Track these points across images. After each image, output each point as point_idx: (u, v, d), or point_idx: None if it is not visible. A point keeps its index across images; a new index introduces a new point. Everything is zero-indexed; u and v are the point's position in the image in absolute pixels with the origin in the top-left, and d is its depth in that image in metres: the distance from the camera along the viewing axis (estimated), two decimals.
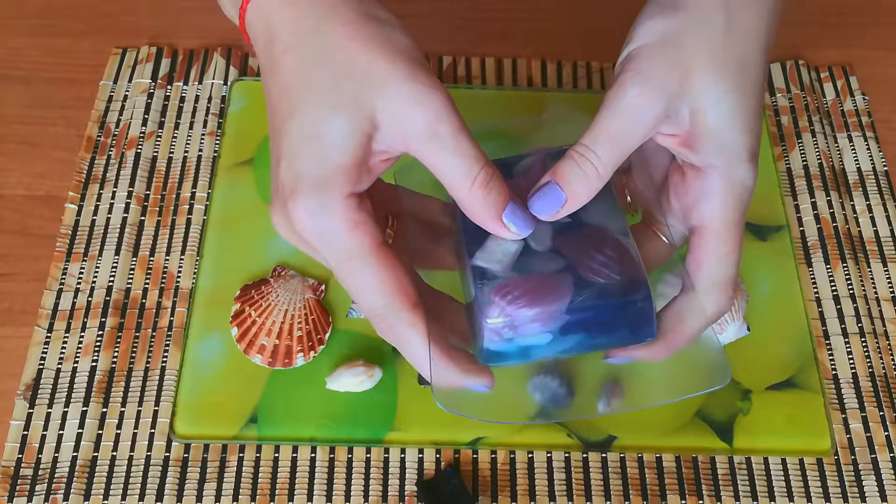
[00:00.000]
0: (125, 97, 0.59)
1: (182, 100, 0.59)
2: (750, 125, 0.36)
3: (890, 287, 0.54)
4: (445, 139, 0.32)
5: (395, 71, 0.32)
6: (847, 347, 0.51)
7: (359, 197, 0.33)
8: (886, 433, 0.49)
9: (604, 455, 0.47)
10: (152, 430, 0.47)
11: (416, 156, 0.33)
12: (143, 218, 0.54)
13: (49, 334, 0.50)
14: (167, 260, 0.53)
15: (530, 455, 0.47)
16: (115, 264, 0.52)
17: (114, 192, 0.55)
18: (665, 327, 0.37)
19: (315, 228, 0.32)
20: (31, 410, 0.48)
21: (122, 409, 0.48)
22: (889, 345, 0.51)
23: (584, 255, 0.35)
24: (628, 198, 0.41)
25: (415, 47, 0.33)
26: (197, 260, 0.52)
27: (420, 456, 0.47)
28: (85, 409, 0.48)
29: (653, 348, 0.37)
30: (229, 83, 0.59)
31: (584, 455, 0.47)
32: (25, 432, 0.47)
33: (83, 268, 0.52)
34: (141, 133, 0.57)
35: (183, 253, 0.53)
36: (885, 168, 0.58)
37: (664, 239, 0.39)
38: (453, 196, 0.34)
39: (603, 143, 0.35)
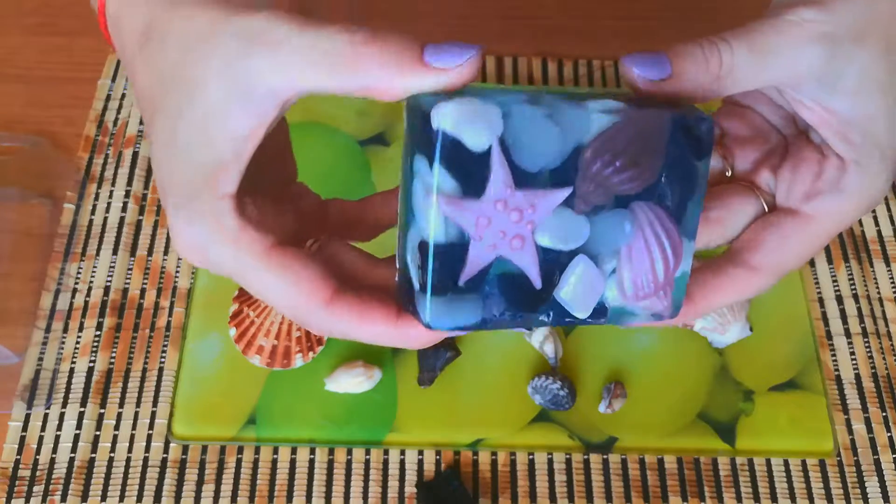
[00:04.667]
0: (123, 96, 0.59)
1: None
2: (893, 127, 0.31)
3: (893, 287, 0.53)
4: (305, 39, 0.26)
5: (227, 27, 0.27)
6: (850, 348, 0.51)
7: (235, 199, 0.28)
8: (889, 434, 0.48)
9: (605, 456, 0.47)
10: (150, 431, 0.47)
11: (293, 87, 0.27)
12: (140, 217, 0.54)
13: (47, 335, 0.50)
14: (165, 259, 0.52)
15: (531, 456, 0.47)
16: (112, 264, 0.52)
17: (112, 192, 0.55)
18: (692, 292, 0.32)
19: (192, 246, 0.28)
20: (28, 411, 0.47)
21: (120, 409, 0.48)
22: (892, 345, 0.51)
23: (609, 184, 0.29)
24: (727, 169, 0.35)
25: None
26: None
27: (420, 457, 0.47)
28: (82, 409, 0.47)
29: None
30: None
31: (586, 456, 0.47)
32: (23, 433, 0.47)
33: (81, 268, 0.52)
34: (139, 131, 0.57)
35: None
36: None
37: (762, 202, 0.34)
38: (342, 85, 0.27)
39: (743, 46, 0.29)
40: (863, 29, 0.29)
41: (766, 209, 0.34)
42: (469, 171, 0.26)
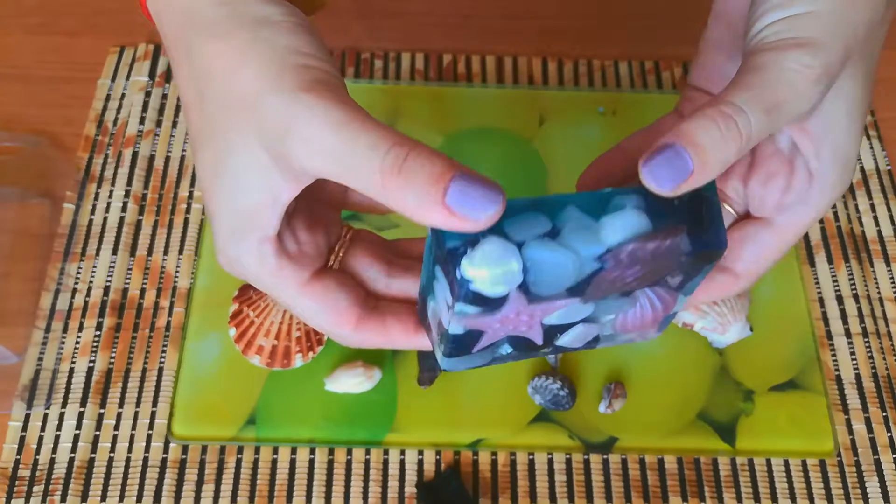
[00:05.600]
0: (122, 95, 0.59)
1: (180, 98, 0.59)
2: (859, 139, 0.33)
3: (893, 287, 0.53)
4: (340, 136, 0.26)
5: (278, 92, 0.27)
6: (850, 348, 0.51)
7: (276, 240, 0.30)
8: (889, 434, 0.48)
9: (605, 457, 0.47)
10: (150, 432, 0.47)
11: (326, 176, 0.28)
12: (140, 217, 0.54)
13: (46, 335, 0.50)
14: (165, 259, 0.52)
15: (531, 457, 0.47)
16: (112, 264, 0.52)
17: (111, 192, 0.54)
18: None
19: (240, 270, 0.31)
20: (28, 411, 0.47)
21: (120, 409, 0.48)
22: (892, 345, 0.51)
23: (622, 283, 0.30)
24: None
25: (298, 46, 0.28)
26: (195, 259, 0.52)
27: (420, 457, 0.47)
28: (82, 409, 0.47)
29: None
30: None
31: (586, 457, 0.47)
32: (23, 433, 0.47)
33: (81, 268, 0.52)
34: (138, 131, 0.57)
35: (181, 252, 0.52)
36: (889, 167, 0.58)
37: (732, 211, 0.36)
38: (372, 198, 0.27)
39: (757, 109, 0.28)
40: (847, 55, 0.30)
41: (736, 216, 0.36)
42: (488, 305, 0.28)
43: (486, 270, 0.26)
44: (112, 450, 0.47)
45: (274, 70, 0.28)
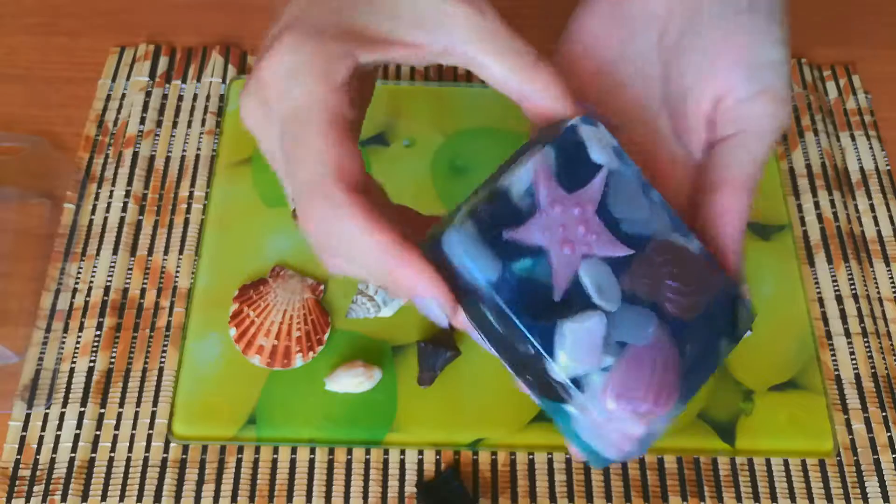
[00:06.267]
0: (123, 95, 0.59)
1: (180, 98, 0.59)
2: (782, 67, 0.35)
3: (893, 287, 0.53)
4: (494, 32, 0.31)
5: None
6: (850, 348, 0.51)
7: (352, 74, 0.30)
8: (889, 434, 0.48)
9: None
10: (150, 431, 0.47)
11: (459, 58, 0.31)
12: (140, 217, 0.54)
13: (47, 334, 0.50)
14: (165, 259, 0.52)
15: (531, 456, 0.47)
16: (112, 264, 0.52)
17: (112, 192, 0.55)
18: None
19: (283, 72, 0.29)
20: (29, 411, 0.47)
21: (120, 409, 0.48)
22: (892, 345, 0.51)
23: (659, 285, 0.31)
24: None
25: None
26: (195, 260, 0.52)
27: (420, 457, 0.47)
28: (83, 409, 0.47)
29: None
30: (228, 81, 0.59)
31: None
32: (24, 433, 0.47)
33: (81, 268, 0.52)
34: (139, 132, 0.57)
35: (181, 252, 0.52)
36: (888, 167, 0.58)
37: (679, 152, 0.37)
38: (513, 94, 0.32)
39: (750, 184, 0.35)
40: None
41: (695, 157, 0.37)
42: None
43: None
44: (112, 449, 0.47)
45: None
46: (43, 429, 0.47)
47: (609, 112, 0.36)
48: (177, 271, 0.52)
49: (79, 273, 0.52)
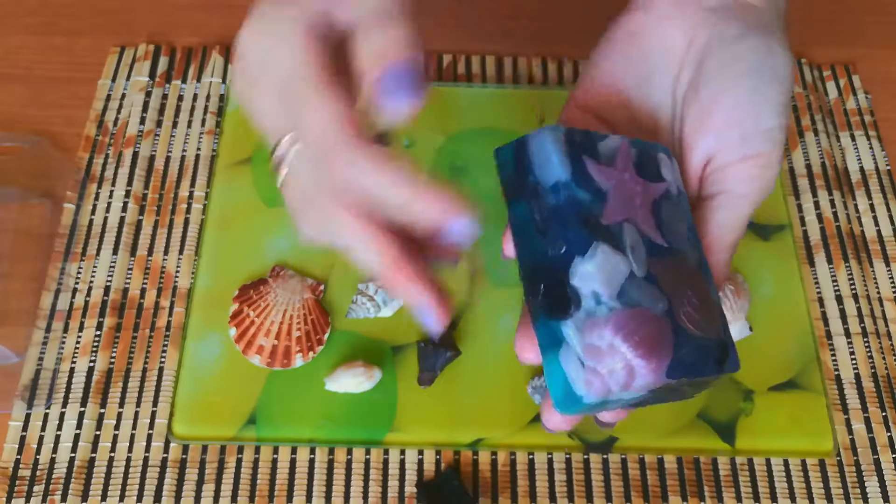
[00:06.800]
0: (123, 96, 0.59)
1: (180, 98, 0.59)
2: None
3: (893, 287, 0.53)
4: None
5: None
6: (850, 348, 0.51)
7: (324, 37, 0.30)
8: (889, 434, 0.48)
9: (605, 456, 0.47)
10: (150, 431, 0.47)
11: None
12: (140, 217, 0.54)
13: (47, 334, 0.50)
14: (165, 259, 0.52)
15: (531, 456, 0.47)
16: (112, 264, 0.52)
17: (112, 192, 0.55)
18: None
19: (256, 39, 0.32)
20: (29, 411, 0.47)
21: (120, 409, 0.48)
22: (892, 345, 0.51)
23: (679, 294, 0.32)
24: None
25: None
26: (195, 260, 0.52)
27: (420, 457, 0.47)
28: (83, 409, 0.47)
29: None
30: (227, 81, 0.59)
31: (586, 456, 0.47)
32: (24, 433, 0.47)
33: (81, 267, 0.52)
34: (139, 132, 0.57)
35: (181, 252, 0.52)
36: (888, 167, 0.58)
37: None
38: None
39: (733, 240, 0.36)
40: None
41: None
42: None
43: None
44: (112, 449, 0.47)
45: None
46: (43, 429, 0.47)
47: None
48: (177, 271, 0.52)
49: (79, 273, 0.52)
